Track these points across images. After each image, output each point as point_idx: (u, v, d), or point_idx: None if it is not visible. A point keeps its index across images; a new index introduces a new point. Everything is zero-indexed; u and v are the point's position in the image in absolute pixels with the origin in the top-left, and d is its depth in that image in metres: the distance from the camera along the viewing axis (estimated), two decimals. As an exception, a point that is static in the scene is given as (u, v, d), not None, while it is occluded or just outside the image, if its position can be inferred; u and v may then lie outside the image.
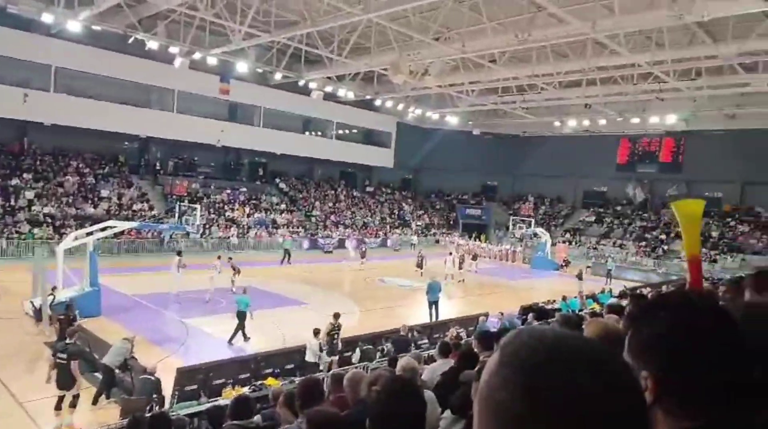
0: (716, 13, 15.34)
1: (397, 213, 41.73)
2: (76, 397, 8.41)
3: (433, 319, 16.26)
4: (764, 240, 31.42)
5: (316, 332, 11.15)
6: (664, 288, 19.76)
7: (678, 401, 0.90)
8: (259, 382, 9.42)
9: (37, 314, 13.30)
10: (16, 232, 22.94)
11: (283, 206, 35.35)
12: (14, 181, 25.25)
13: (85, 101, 26.23)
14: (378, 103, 33.75)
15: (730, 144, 32.55)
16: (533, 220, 37.09)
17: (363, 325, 14.31)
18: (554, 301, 16.74)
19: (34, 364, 10.75)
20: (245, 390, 8.71)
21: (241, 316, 13.23)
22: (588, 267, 28.51)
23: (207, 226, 29.02)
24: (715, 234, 33.35)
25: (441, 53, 22.45)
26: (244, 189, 34.72)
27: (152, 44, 22.92)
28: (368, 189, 43.34)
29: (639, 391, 0.64)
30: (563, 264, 31.15)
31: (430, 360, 7.93)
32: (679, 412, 0.90)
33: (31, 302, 13.81)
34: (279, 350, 11.54)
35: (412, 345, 12.02)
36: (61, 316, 11.51)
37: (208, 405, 7.52)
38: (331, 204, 38.38)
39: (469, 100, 32.62)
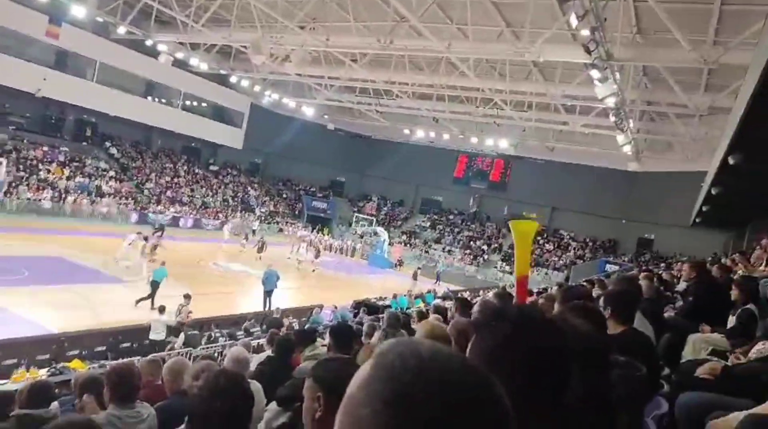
0: (549, 57, 17.49)
1: (241, 196, 40.30)
2: None
3: (266, 308, 16.08)
4: (564, 258, 36.43)
5: (162, 309, 10.55)
6: (482, 292, 21.89)
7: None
8: (61, 364, 8.45)
9: None
10: None
11: (111, 173, 31.98)
12: None
13: None
14: (233, 80, 32.30)
15: (546, 172, 37.21)
16: (375, 220, 38.54)
17: (194, 309, 13.60)
18: (385, 298, 17.61)
19: None
20: (42, 373, 7.74)
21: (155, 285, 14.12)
22: (419, 268, 30.49)
23: (13, 184, 25.14)
24: (526, 249, 37.81)
25: (305, 42, 22.24)
26: (66, 149, 30.68)
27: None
28: (212, 167, 41.18)
29: (506, 406, 0.63)
30: (398, 263, 32.92)
31: (260, 349, 7.86)
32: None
33: None
34: (90, 330, 10.47)
35: (244, 332, 11.77)
36: None
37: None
38: (168, 178, 35.70)
39: (327, 94, 32.84)
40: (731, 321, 4.57)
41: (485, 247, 38.65)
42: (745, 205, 17.04)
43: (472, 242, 39.56)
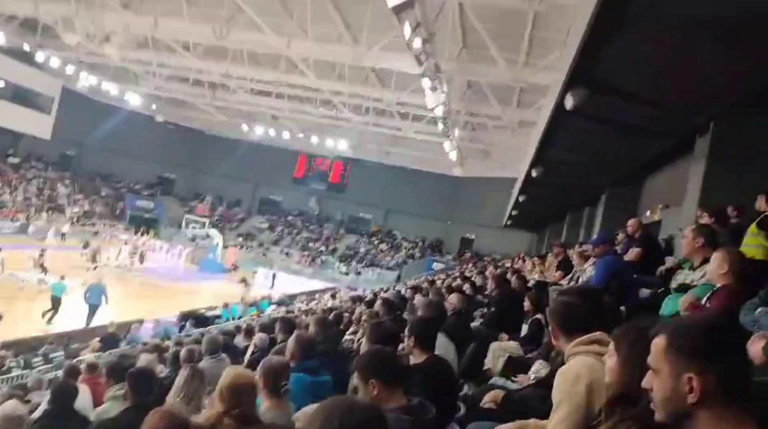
0: (385, 65, 18.21)
1: (48, 194, 35.20)
2: None
3: (89, 324, 14.16)
4: (396, 258, 38.23)
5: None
6: (318, 295, 21.93)
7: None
8: None
9: None
10: None
11: None
12: None
13: None
14: (40, 58, 27.96)
15: (382, 175, 38.77)
16: (208, 221, 36.51)
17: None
18: (216, 307, 16.67)
19: None
20: None
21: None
22: (254, 272, 29.55)
23: None
24: (362, 250, 38.98)
25: (128, 24, 20.15)
26: None
27: None
28: (12, 160, 35.40)
29: None
30: (232, 268, 31.49)
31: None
32: (726, 412, 1.07)
33: None
34: None
35: (42, 358, 10.17)
36: None
37: None
38: (-51, 171, 29.84)
39: (156, 82, 30.24)
40: (524, 329, 5.17)
41: (323, 249, 38.96)
42: (544, 211, 19.60)
43: (310, 244, 39.59)
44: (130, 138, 37.83)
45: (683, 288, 3.17)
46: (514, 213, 23.36)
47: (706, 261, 3.06)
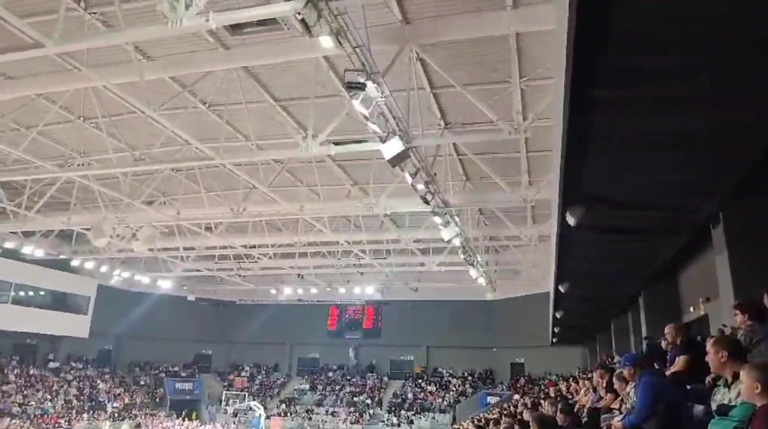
0: (395, 209, 18.92)
1: (88, 393, 35.05)
2: None
3: None
4: (447, 398, 36.09)
5: None
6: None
7: None
8: None
9: None
10: None
11: None
12: None
13: None
14: (75, 263, 29.78)
15: (415, 313, 38.14)
16: (247, 393, 35.56)
17: None
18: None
19: None
20: None
21: None
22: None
23: None
24: (410, 396, 37.03)
25: (154, 218, 21.66)
26: None
27: None
28: (52, 365, 35.91)
29: None
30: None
31: None
32: None
33: None
34: None
35: None
36: None
37: None
38: (-6, 386, 30.23)
39: (184, 265, 31.55)
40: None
41: (369, 402, 37.15)
42: (585, 323, 18.79)
43: (355, 398, 37.87)
44: (164, 321, 38.54)
45: (723, 409, 2.92)
46: (556, 330, 22.45)
47: (737, 375, 2.85)
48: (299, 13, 7.94)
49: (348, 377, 40.76)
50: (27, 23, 9.88)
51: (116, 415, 33.60)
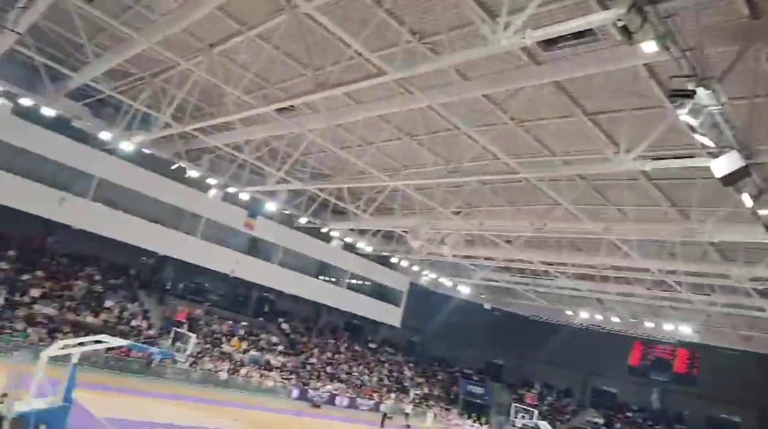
0: (726, 237, 15.88)
1: (396, 376, 39.96)
2: None
3: None
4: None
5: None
6: None
7: None
8: None
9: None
10: (10, 327, 22.61)
11: (281, 348, 34.37)
12: (25, 276, 25.58)
13: (117, 213, 27.44)
14: (394, 260, 34.43)
15: (747, 366, 31.26)
16: (537, 411, 34.93)
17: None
18: None
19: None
20: None
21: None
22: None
23: (198, 355, 28.14)
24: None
25: (459, 227, 23.34)
26: (246, 323, 34.22)
27: (193, 173, 24.55)
28: (371, 345, 42.21)
29: None
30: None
31: None
32: None
33: (-6, 406, 13.04)
34: None
35: None
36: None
37: None
38: (330, 354, 37.19)
39: (483, 273, 33.05)
40: None
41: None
42: None
43: (657, 448, 33.28)
44: (462, 325, 41.20)
45: None
46: None
47: None
48: (620, 20, 7.49)
49: (650, 422, 36.10)
50: (376, 56, 11.91)
51: (417, 401, 37.33)
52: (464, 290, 37.96)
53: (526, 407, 35.89)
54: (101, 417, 16.18)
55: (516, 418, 34.66)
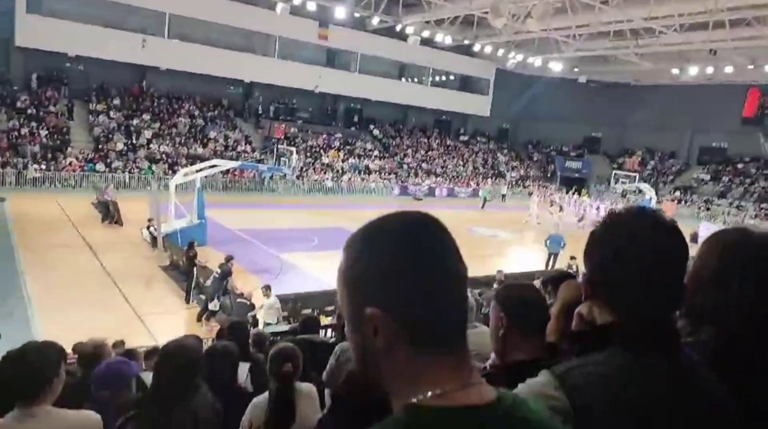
0: None
1: (491, 163, 40.79)
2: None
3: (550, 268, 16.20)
4: None
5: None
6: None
7: (606, 298, 1.07)
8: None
9: (153, 241, 14.85)
10: (137, 167, 25.36)
11: (376, 153, 35.81)
12: (135, 121, 27.69)
13: (194, 47, 27.75)
14: (476, 48, 32.60)
15: None
16: (638, 176, 34.72)
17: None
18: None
19: (150, 283, 12.22)
20: (330, 319, 9.27)
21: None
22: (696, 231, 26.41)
23: (303, 169, 30.22)
24: None
25: (546, -7, 21.04)
26: (339, 135, 35.48)
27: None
28: (462, 138, 42.58)
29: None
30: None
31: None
32: (607, 308, 1.06)
33: (148, 230, 15.39)
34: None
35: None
36: (191, 254, 11.63)
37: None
38: (423, 152, 38.27)
39: (576, 44, 30.48)
40: None
41: (791, 202, 31.40)
42: None
43: (769, 194, 32.53)
44: (555, 104, 39.79)
45: None
46: None
47: None
48: None
49: (763, 171, 34.80)
50: None
51: (513, 183, 38.45)
52: (555, 67, 35.46)
53: (627, 174, 35.68)
54: (234, 228, 18.53)
55: (617, 184, 34.74)
